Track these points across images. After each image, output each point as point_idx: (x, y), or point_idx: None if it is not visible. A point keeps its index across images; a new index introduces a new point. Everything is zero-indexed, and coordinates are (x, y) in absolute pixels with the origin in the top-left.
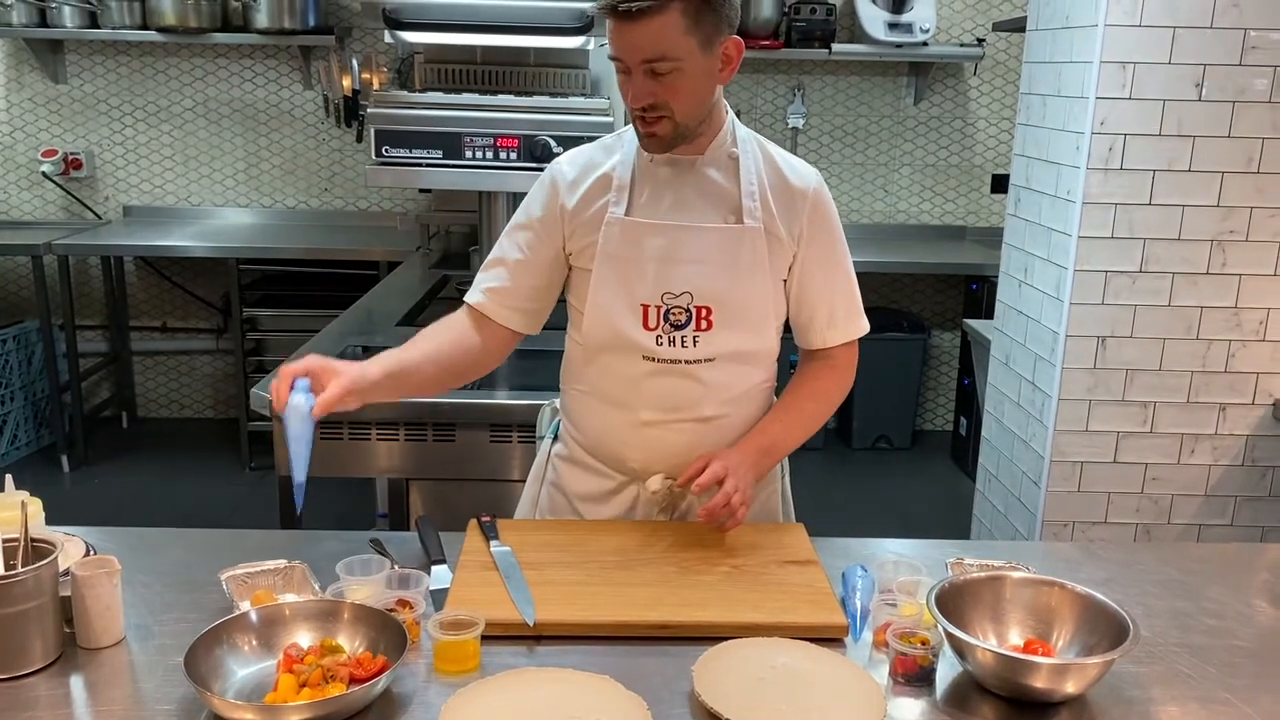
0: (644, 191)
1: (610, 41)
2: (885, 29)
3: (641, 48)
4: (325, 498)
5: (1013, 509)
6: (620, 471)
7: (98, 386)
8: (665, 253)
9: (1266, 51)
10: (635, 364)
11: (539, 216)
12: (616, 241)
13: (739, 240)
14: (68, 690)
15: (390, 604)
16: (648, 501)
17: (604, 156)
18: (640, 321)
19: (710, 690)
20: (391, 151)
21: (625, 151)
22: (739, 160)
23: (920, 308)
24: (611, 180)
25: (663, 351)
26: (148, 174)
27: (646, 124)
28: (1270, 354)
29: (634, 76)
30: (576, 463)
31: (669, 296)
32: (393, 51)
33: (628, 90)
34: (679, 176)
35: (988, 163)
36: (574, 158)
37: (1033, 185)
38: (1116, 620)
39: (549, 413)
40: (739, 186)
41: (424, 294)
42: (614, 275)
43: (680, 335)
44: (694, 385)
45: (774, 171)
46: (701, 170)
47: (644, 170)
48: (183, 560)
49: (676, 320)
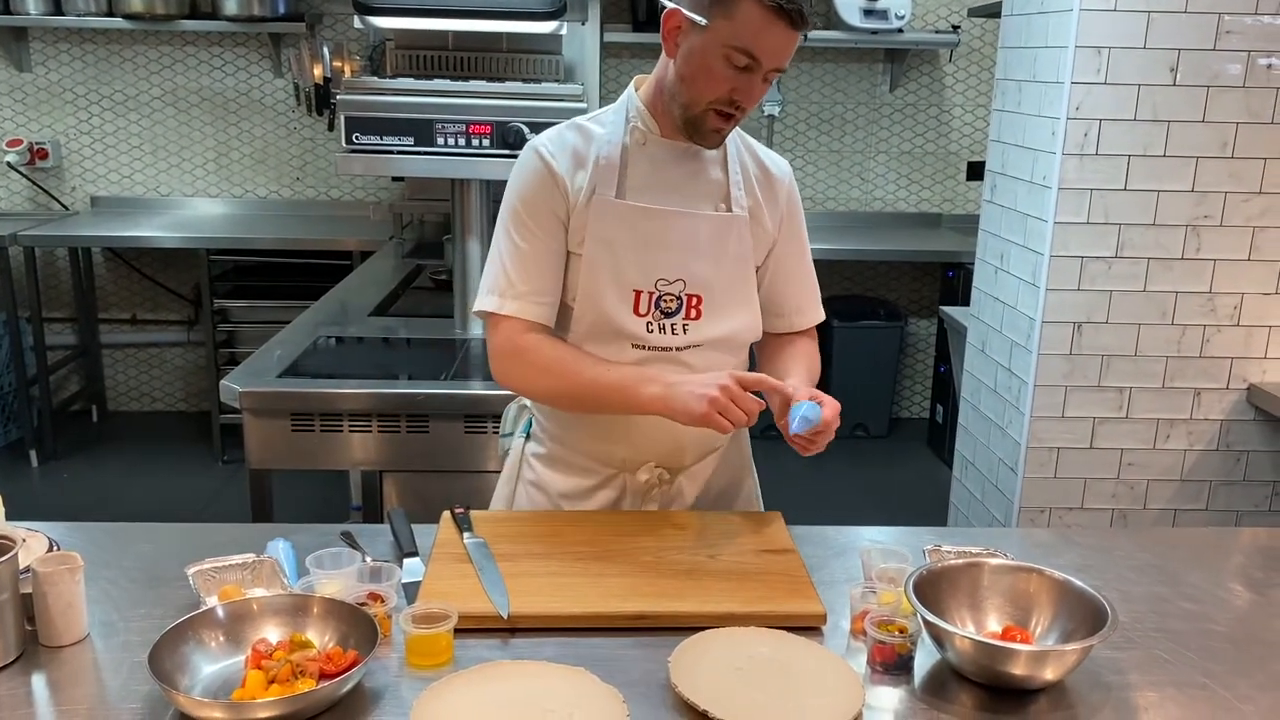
0: (634, 174)
1: (751, 37)
2: (861, 16)
3: (787, 54)
4: (298, 490)
5: (990, 496)
6: (607, 465)
7: (66, 380)
8: (659, 238)
9: (1240, 36)
10: (624, 352)
11: (542, 202)
12: (608, 224)
13: (728, 229)
14: (29, 689)
15: (361, 597)
16: (637, 493)
17: (583, 137)
18: (631, 308)
19: (686, 681)
20: (362, 139)
21: (610, 132)
22: (728, 148)
23: (897, 295)
24: (599, 161)
25: (653, 339)
26: (115, 164)
27: (724, 119)
28: (1244, 339)
29: (755, 77)
30: (556, 460)
31: (663, 283)
32: (364, 38)
33: (732, 85)
34: (672, 161)
35: (964, 149)
36: (555, 138)
37: (1008, 171)
38: (1094, 606)
39: (515, 410)
40: (727, 175)
41: (397, 283)
42: (606, 259)
43: (670, 323)
44: (681, 371)
45: (755, 160)
46: (694, 157)
47: (635, 152)
48: (149, 555)
49: (667, 307)
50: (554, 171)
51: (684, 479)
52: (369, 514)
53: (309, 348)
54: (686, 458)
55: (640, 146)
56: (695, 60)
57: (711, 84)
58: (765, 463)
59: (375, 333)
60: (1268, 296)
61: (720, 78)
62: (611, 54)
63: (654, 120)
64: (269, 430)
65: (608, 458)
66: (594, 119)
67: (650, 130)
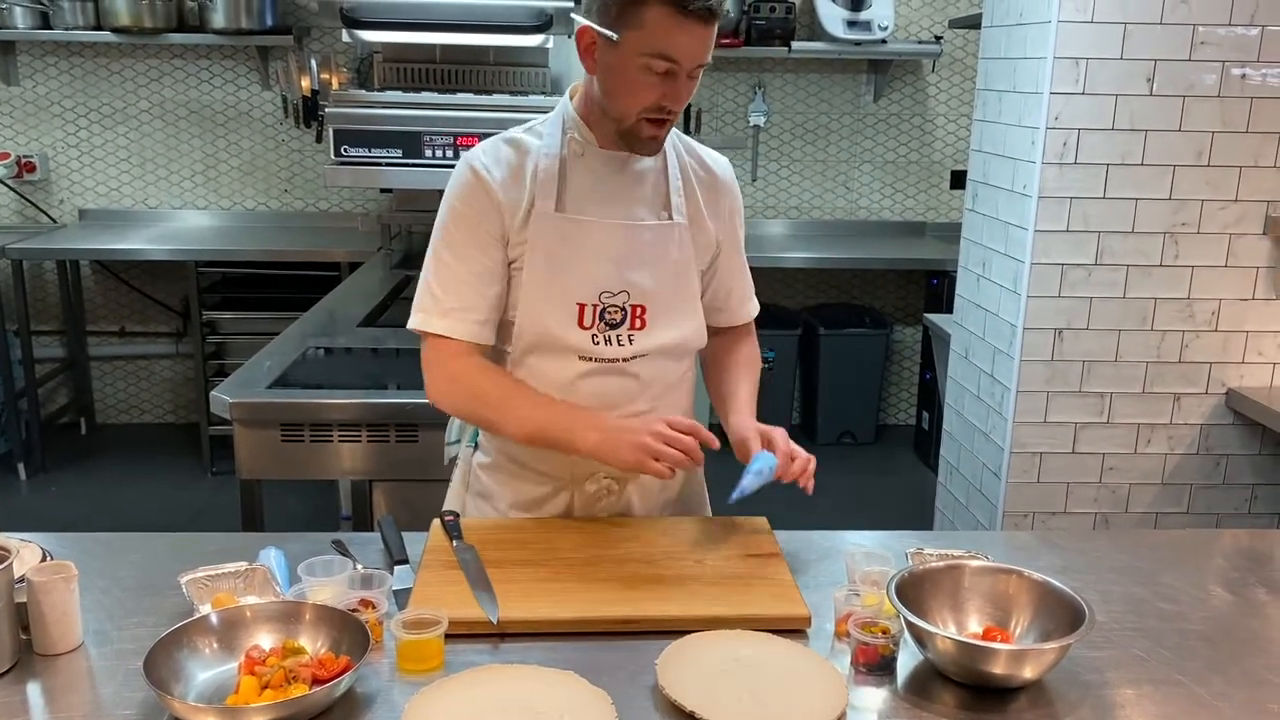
0: (573, 186)
1: (664, 41)
2: (844, 27)
3: (705, 50)
4: (289, 501)
5: (974, 501)
6: (554, 477)
7: (55, 393)
8: (601, 250)
9: (1215, 47)
10: (570, 364)
11: (476, 218)
12: (548, 238)
13: (669, 236)
14: (24, 698)
15: (353, 604)
16: (586, 503)
17: (518, 150)
18: (575, 321)
19: (674, 683)
20: (350, 151)
21: (547, 144)
22: (666, 154)
23: (882, 303)
24: (537, 174)
25: (599, 350)
26: (103, 176)
27: (657, 125)
28: (1222, 344)
29: (679, 79)
30: (502, 471)
31: (606, 295)
32: (352, 51)
33: (658, 92)
34: (611, 171)
35: (947, 159)
36: (490, 151)
37: (990, 180)
38: (1073, 606)
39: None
40: (667, 181)
41: (386, 295)
42: (547, 274)
43: (615, 334)
44: (629, 381)
45: (697, 162)
46: (633, 165)
47: (573, 164)
48: (142, 565)
49: (612, 319)
50: (489, 187)
51: (632, 489)
52: (359, 524)
53: (298, 358)
54: None
55: (578, 157)
56: (616, 75)
57: (636, 95)
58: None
59: (364, 343)
60: (1245, 302)
61: (644, 87)
62: None
63: (590, 131)
64: (259, 441)
65: (555, 469)
66: (529, 130)
67: (588, 141)
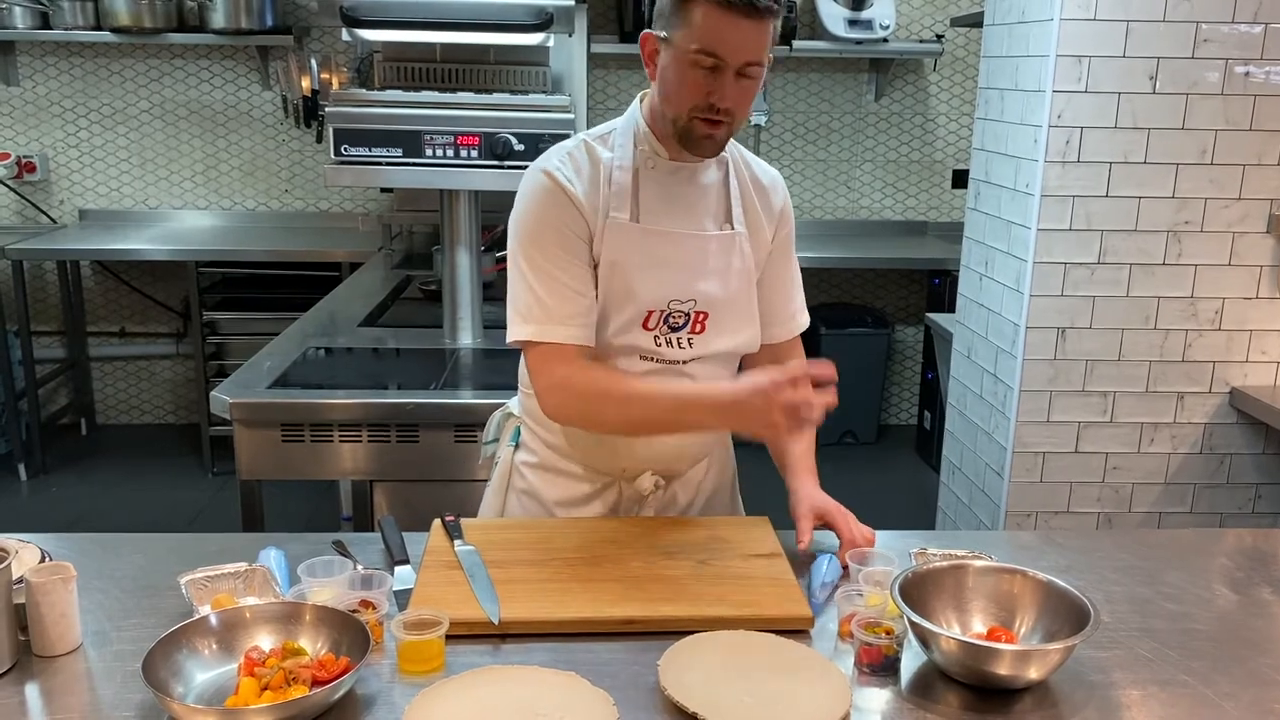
0: (645, 197)
1: (709, 36)
2: (845, 26)
3: (752, 48)
4: (289, 502)
5: (977, 500)
6: (605, 473)
7: (55, 393)
8: (672, 259)
9: (1218, 44)
10: (632, 363)
11: (565, 227)
12: (622, 247)
13: (732, 246)
14: (23, 699)
15: (353, 605)
16: (633, 500)
17: (591, 159)
18: (641, 324)
19: (676, 684)
20: (351, 151)
21: (620, 155)
22: (727, 165)
23: (884, 303)
24: (611, 183)
25: (661, 352)
26: (104, 177)
27: (711, 125)
28: (1225, 343)
29: (725, 76)
30: (550, 468)
31: (675, 303)
32: (352, 50)
33: (705, 89)
34: (679, 183)
35: (948, 158)
36: (566, 161)
37: (992, 179)
38: (1077, 606)
39: (500, 419)
40: (729, 192)
41: (387, 295)
42: (620, 279)
43: (677, 336)
44: (684, 382)
45: (750, 173)
46: (698, 175)
47: (645, 175)
48: (141, 565)
49: (675, 323)
50: (570, 193)
51: (678, 485)
52: (359, 524)
53: (299, 359)
54: (684, 464)
55: (650, 170)
56: (669, 74)
57: (686, 92)
58: (756, 468)
59: (365, 343)
60: (1248, 301)
61: (693, 83)
62: (598, 65)
63: (660, 143)
64: (259, 441)
65: (607, 466)
66: (600, 140)
67: (658, 153)
